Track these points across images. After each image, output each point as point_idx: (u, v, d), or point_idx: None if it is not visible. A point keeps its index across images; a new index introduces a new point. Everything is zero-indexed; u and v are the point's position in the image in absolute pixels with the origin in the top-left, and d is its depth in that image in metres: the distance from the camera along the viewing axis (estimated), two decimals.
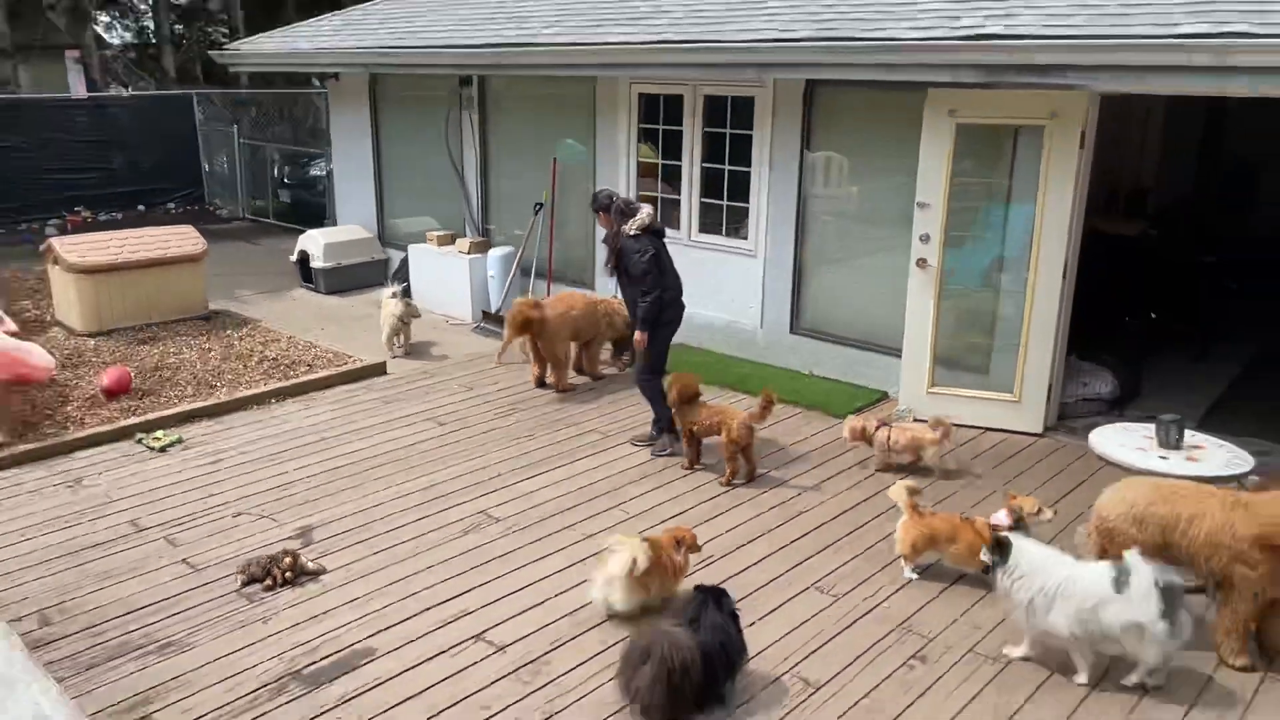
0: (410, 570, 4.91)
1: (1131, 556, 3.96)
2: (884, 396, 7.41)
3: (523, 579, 4.83)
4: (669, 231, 8.58)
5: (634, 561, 4.23)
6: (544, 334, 7.43)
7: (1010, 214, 6.57)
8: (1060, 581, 3.96)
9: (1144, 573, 3.86)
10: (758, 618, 4.48)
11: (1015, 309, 6.64)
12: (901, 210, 7.16)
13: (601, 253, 9.20)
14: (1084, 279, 6.77)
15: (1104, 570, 3.94)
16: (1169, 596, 3.83)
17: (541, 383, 7.61)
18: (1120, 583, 3.88)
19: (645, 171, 8.84)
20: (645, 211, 6.12)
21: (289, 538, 5.22)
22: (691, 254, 8.55)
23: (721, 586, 4.08)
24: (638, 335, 6.18)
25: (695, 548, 4.61)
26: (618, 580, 4.32)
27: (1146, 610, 3.84)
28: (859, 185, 7.57)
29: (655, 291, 6.07)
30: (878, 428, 6.12)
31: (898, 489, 4.48)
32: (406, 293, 10.09)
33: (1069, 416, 6.96)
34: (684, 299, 6.39)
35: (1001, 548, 4.08)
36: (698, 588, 3.99)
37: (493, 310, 9.50)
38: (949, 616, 4.53)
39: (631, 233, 6.07)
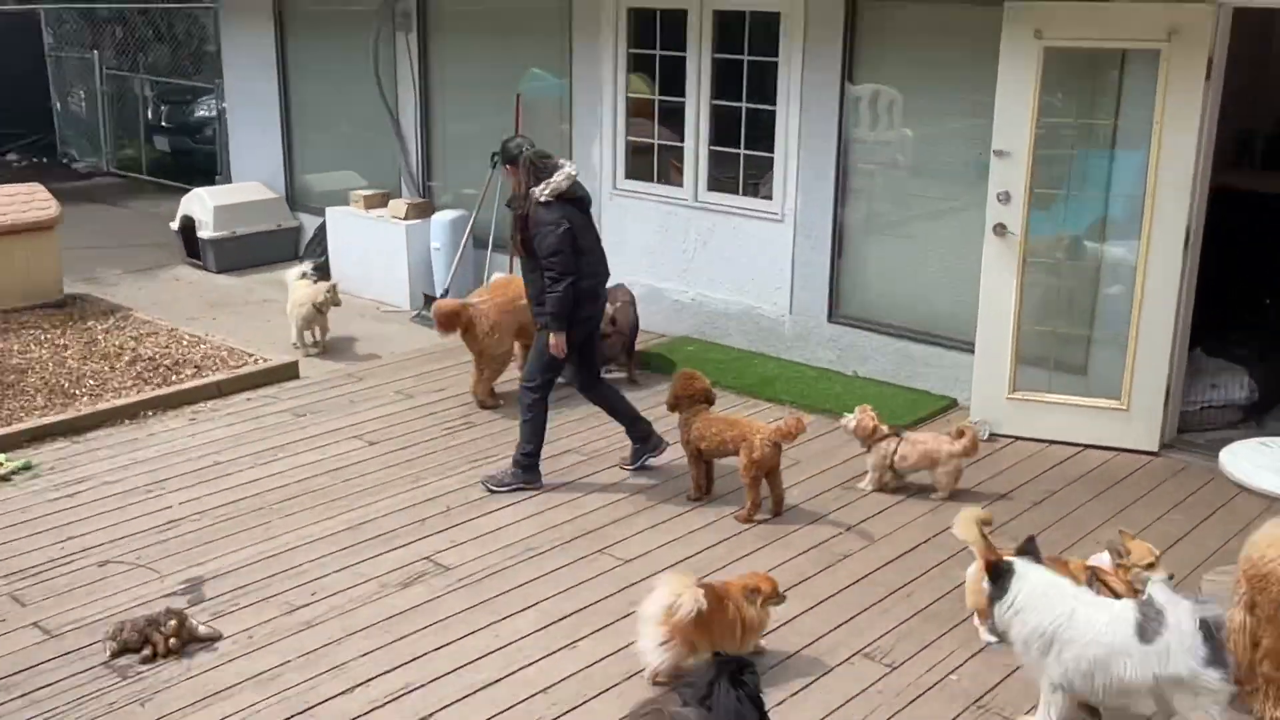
0: (333, 635, 4.88)
1: (1155, 587, 4.03)
2: (951, 404, 7.43)
3: (480, 646, 4.81)
4: (669, 190, 8.67)
5: (675, 603, 4.24)
6: (474, 332, 7.36)
7: (1115, 165, 6.58)
8: (1059, 619, 3.97)
9: (1179, 610, 3.85)
10: (790, 694, 4.48)
11: (1123, 290, 6.65)
12: (973, 161, 7.17)
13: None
14: (1212, 250, 6.78)
15: (1121, 610, 3.97)
16: (1212, 635, 3.81)
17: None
18: (1147, 628, 3.85)
19: (638, 110, 8.84)
20: (565, 173, 5.98)
21: (173, 594, 5.19)
22: (698, 220, 8.56)
23: (743, 655, 4.08)
24: (551, 340, 5.98)
25: (777, 598, 4.61)
26: (650, 625, 4.34)
27: (1191, 659, 3.79)
28: (918, 129, 7.58)
29: (567, 279, 5.89)
30: (882, 437, 6.18)
31: (966, 522, 4.42)
32: (324, 271, 10.10)
33: (1192, 429, 6.98)
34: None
35: (1000, 574, 4.09)
36: (715, 655, 3.99)
37: (438, 294, 9.48)
38: (1038, 689, 4.53)
39: (543, 198, 5.92)
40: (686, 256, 8.69)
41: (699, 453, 6.06)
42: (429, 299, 9.47)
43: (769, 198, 8.19)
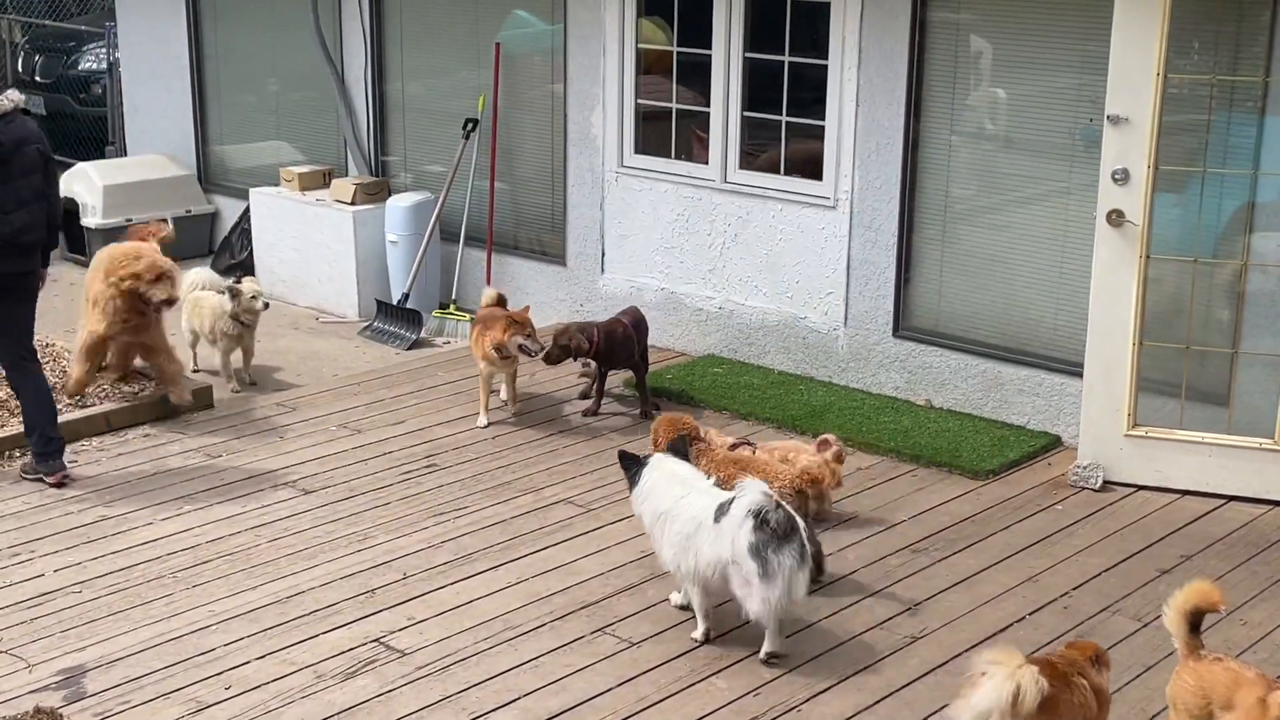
0: None
1: (746, 480, 5.43)
2: (1054, 443, 7.42)
3: None
4: (690, 169, 8.68)
5: (1017, 691, 4.23)
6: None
7: (1266, 135, 6.58)
8: (673, 503, 5.39)
9: (747, 497, 5.15)
10: None
11: (1276, 296, 6.62)
12: (1082, 130, 7.17)
13: (581, 195, 9.26)
14: None
15: (718, 497, 5.34)
16: (768, 530, 5.04)
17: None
18: (723, 509, 5.20)
19: (652, 65, 8.86)
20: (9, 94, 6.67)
21: (45, 688, 5.16)
22: (728, 206, 8.57)
23: None
24: None
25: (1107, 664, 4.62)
26: None
27: (736, 543, 5.10)
28: (1011, 88, 7.58)
29: None
30: (734, 445, 6.44)
31: (1177, 617, 4.58)
32: (248, 271, 10.11)
33: None
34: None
35: (633, 464, 5.62)
36: None
37: (395, 300, 9.49)
38: None
39: None
40: (713, 253, 8.70)
41: None
42: (384, 306, 9.49)
43: (818, 178, 8.20)
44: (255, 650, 5.43)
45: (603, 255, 9.19)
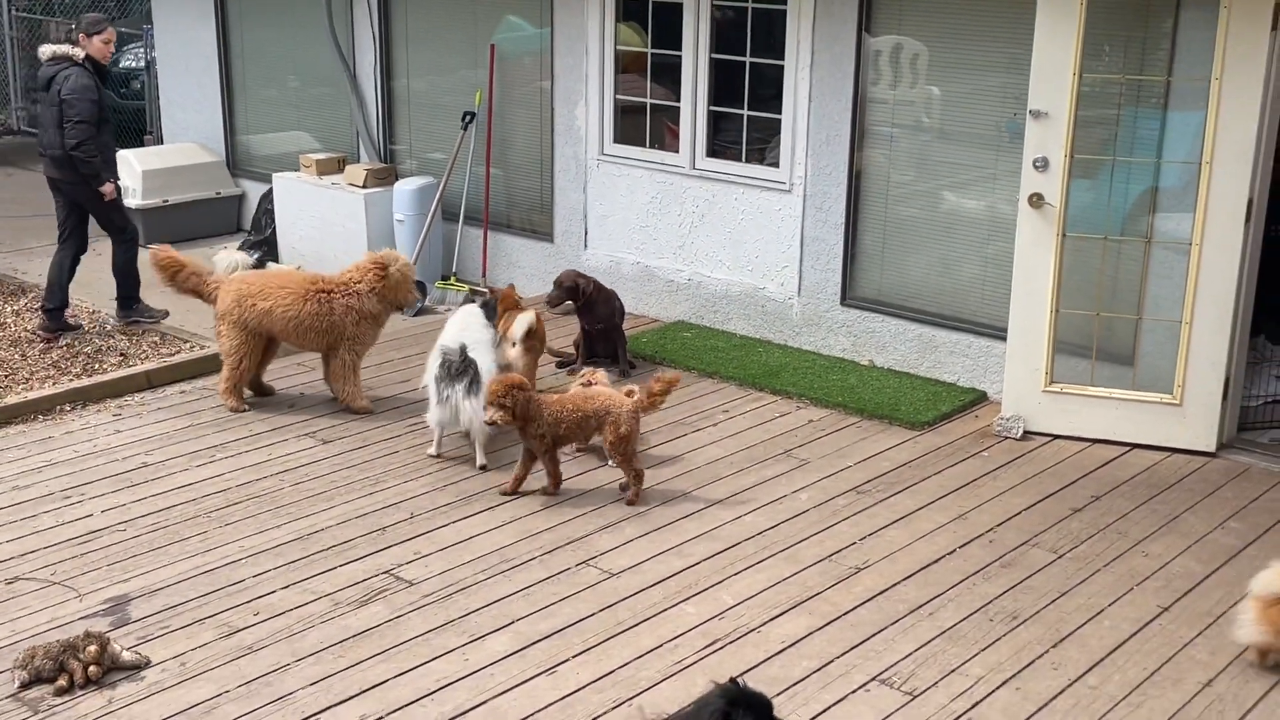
0: (278, 661, 4.86)
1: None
2: (980, 398, 7.44)
3: (447, 671, 4.79)
4: (663, 157, 8.64)
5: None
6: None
7: (1168, 128, 6.57)
8: (445, 339, 6.67)
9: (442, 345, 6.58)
10: None
11: (1175, 269, 6.64)
12: (1006, 123, 7.15)
13: (567, 180, 9.21)
14: (1277, 224, 6.77)
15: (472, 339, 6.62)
16: (446, 368, 6.43)
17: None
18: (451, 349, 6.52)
19: (629, 65, 8.80)
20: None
21: (93, 615, 5.16)
22: (696, 190, 8.54)
23: (760, 694, 3.87)
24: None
25: None
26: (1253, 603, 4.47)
27: (427, 372, 6.57)
28: (944, 86, 7.56)
29: None
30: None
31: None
32: (270, 247, 10.05)
33: (1255, 426, 6.98)
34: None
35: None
36: (726, 691, 3.80)
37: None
38: None
39: None
40: (682, 231, 8.67)
41: (555, 442, 6.17)
42: None
43: (775, 165, 8.17)
44: (280, 581, 5.43)
45: (586, 233, 9.15)
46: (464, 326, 6.80)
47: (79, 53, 8.31)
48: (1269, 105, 6.31)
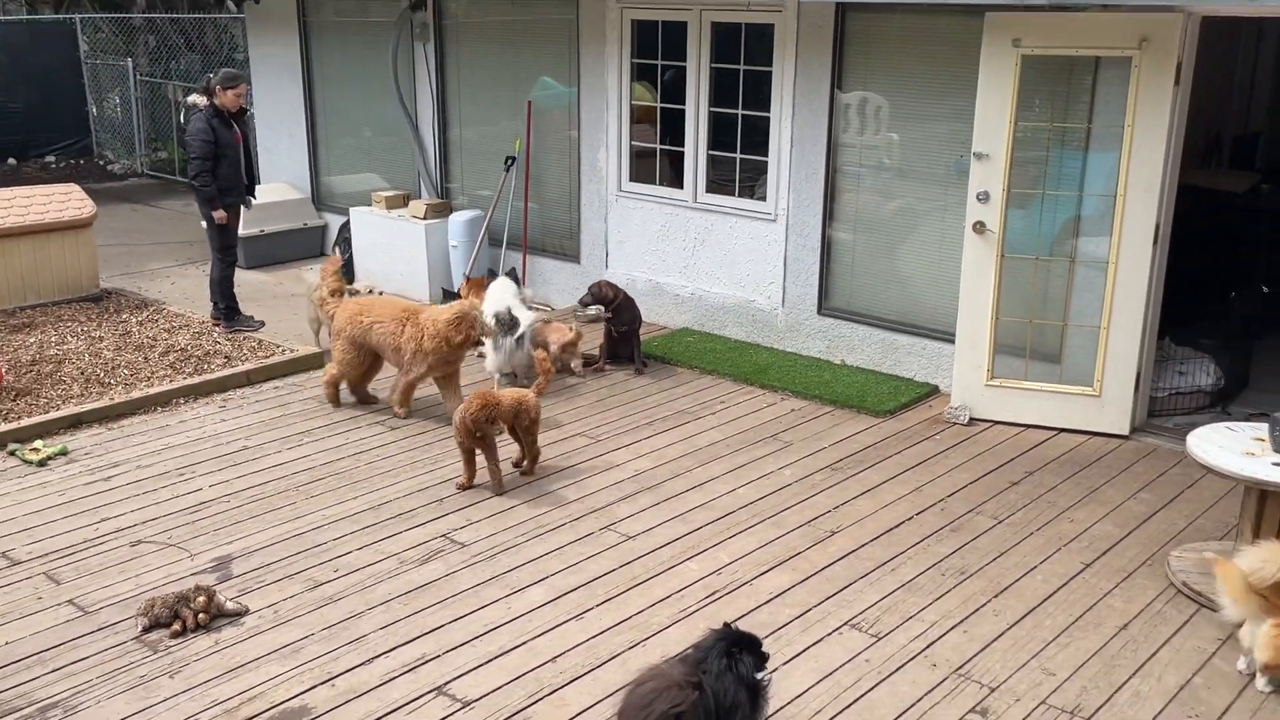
0: (354, 609, 4.87)
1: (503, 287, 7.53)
2: (933, 391, 7.41)
3: (492, 618, 4.80)
4: (670, 192, 8.63)
5: (1260, 567, 4.12)
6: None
7: (1089, 166, 6.53)
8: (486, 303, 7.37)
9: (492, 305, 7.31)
10: (782, 662, 4.45)
11: (1095, 283, 6.60)
12: (954, 163, 7.13)
13: (591, 212, 9.19)
14: (1180, 246, 6.73)
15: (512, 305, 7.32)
16: (499, 321, 7.12)
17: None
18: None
19: (642, 117, 8.79)
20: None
21: (202, 571, 5.18)
22: (697, 220, 8.52)
23: (752, 635, 3.78)
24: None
25: None
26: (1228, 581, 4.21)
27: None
28: (902, 133, 7.53)
29: None
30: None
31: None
32: (348, 269, 10.06)
33: (1161, 413, 6.95)
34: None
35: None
36: (723, 634, 3.80)
37: (455, 289, 9.44)
38: (1016, 660, 4.50)
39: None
40: (686, 254, 8.65)
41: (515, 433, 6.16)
42: (448, 294, 9.46)
43: (763, 199, 8.15)
44: (355, 543, 5.44)
45: (607, 255, 9.14)
46: (503, 291, 7.59)
47: (202, 100, 8.23)
48: (1172, 147, 6.29)
